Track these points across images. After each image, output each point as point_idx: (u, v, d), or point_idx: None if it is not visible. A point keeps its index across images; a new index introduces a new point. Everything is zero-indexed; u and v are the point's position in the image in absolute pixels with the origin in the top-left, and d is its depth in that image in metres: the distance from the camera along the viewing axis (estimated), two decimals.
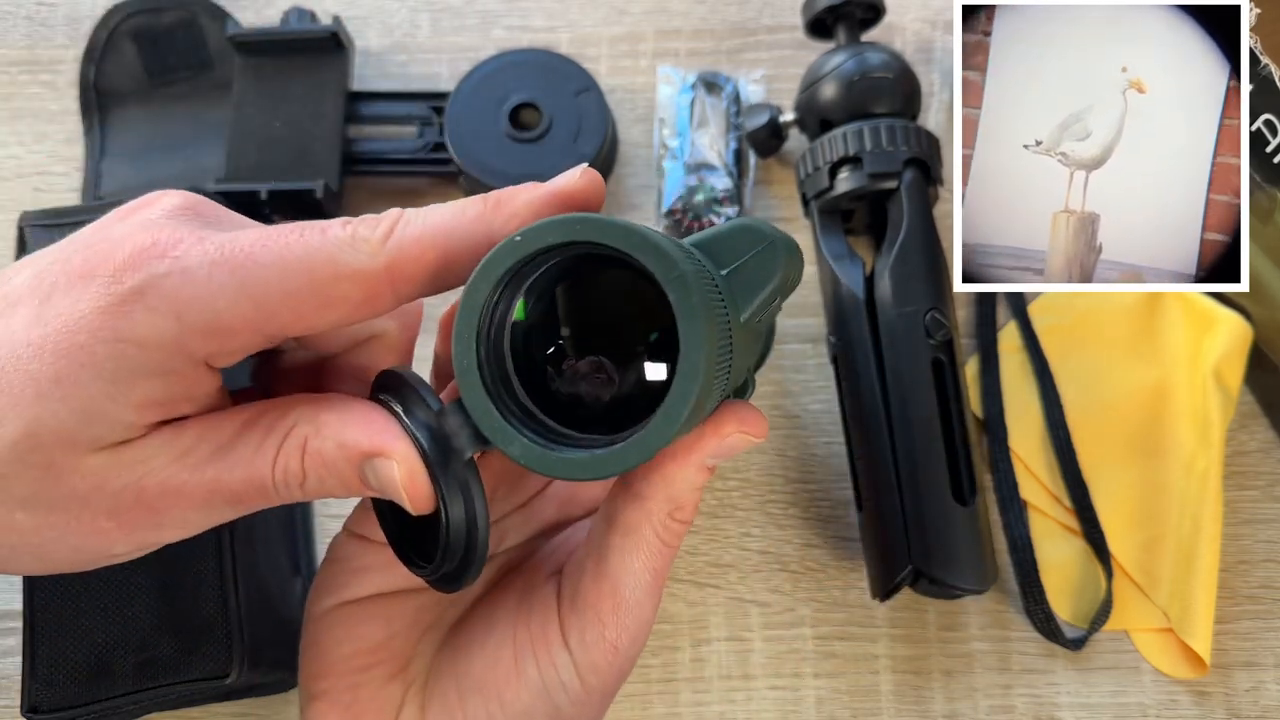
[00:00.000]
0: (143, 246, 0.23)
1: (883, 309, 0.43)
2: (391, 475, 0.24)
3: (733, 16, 0.53)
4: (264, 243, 0.24)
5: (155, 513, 0.25)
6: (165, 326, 0.23)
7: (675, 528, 0.28)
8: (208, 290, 0.23)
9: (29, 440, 0.23)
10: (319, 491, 0.25)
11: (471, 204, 0.25)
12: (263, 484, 0.25)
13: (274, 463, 0.25)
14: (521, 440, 0.23)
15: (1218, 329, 0.46)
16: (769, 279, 0.26)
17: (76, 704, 0.37)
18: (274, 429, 0.25)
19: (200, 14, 0.51)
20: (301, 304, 0.24)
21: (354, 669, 0.29)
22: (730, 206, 0.49)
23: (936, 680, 0.44)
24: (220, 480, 0.25)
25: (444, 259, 0.25)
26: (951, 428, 0.41)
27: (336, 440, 0.24)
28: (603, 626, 0.28)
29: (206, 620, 0.38)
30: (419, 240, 0.24)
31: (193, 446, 0.25)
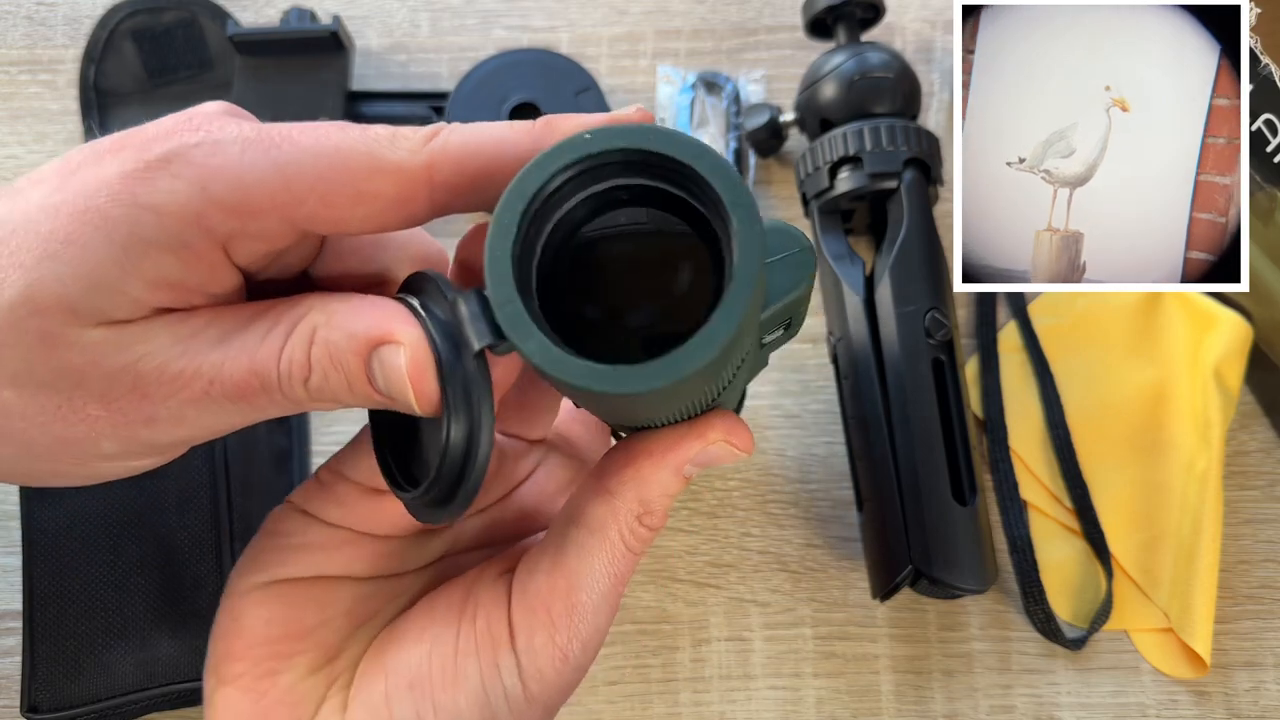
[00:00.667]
0: (178, 122, 0.23)
1: (883, 309, 0.43)
2: (398, 364, 0.22)
3: (733, 16, 0.53)
4: (302, 128, 0.23)
5: (150, 401, 0.23)
6: (188, 194, 0.22)
7: (642, 533, 0.27)
8: (238, 163, 0.22)
9: (27, 305, 0.22)
10: (324, 388, 0.23)
11: (520, 123, 0.24)
12: (266, 375, 0.23)
13: (280, 352, 0.23)
14: (540, 337, 0.20)
15: (1218, 329, 0.46)
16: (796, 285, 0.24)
17: (76, 704, 0.37)
18: (284, 317, 0.23)
19: (200, 13, 0.51)
20: (333, 192, 0.22)
21: (275, 654, 0.27)
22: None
23: (936, 680, 0.44)
24: (222, 368, 0.23)
25: (486, 170, 0.23)
26: (951, 428, 0.41)
27: (346, 329, 0.23)
28: (554, 629, 0.26)
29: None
30: (464, 145, 0.23)
31: (198, 331, 0.23)
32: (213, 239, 0.23)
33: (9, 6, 0.54)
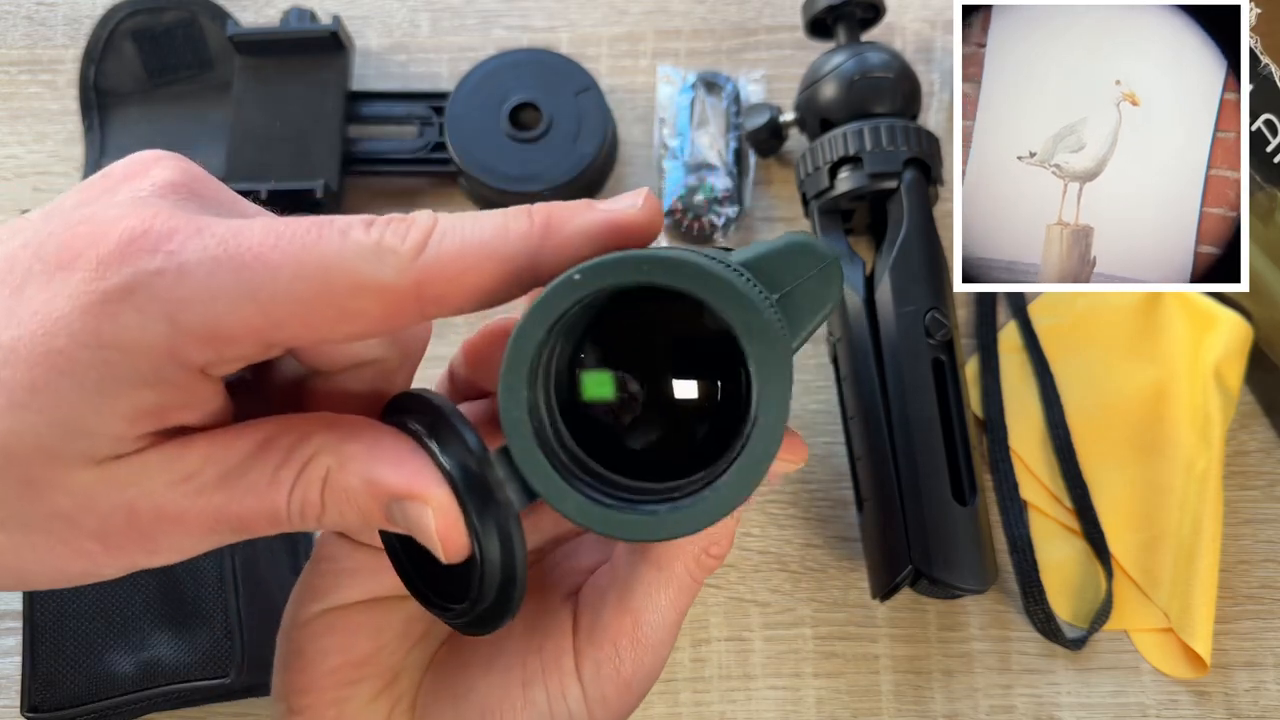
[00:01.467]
0: (132, 235, 0.20)
1: (883, 309, 0.43)
2: (424, 521, 0.22)
3: (733, 16, 0.53)
4: (274, 241, 0.20)
5: (148, 538, 0.22)
6: (156, 331, 0.20)
7: (709, 563, 0.27)
8: (207, 291, 0.20)
9: (3, 454, 0.20)
10: (336, 524, 0.23)
11: (515, 221, 0.22)
12: (276, 514, 0.22)
13: (289, 494, 0.22)
14: (577, 497, 0.21)
15: (1218, 329, 0.46)
16: (824, 303, 0.24)
17: (76, 704, 0.37)
18: (291, 456, 0.22)
19: (200, 13, 0.51)
20: (314, 315, 0.21)
21: (340, 683, 0.27)
22: (730, 206, 0.49)
23: (936, 680, 0.44)
24: (227, 509, 0.22)
25: (480, 282, 0.21)
26: (951, 428, 0.41)
27: (364, 477, 0.22)
28: (619, 661, 0.27)
29: (206, 621, 0.38)
30: (456, 260, 0.21)
31: (197, 470, 0.22)
32: (187, 368, 0.21)
33: (9, 6, 0.54)
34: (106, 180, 0.23)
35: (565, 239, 0.22)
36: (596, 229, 0.22)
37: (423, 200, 0.51)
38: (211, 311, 0.20)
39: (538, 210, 0.22)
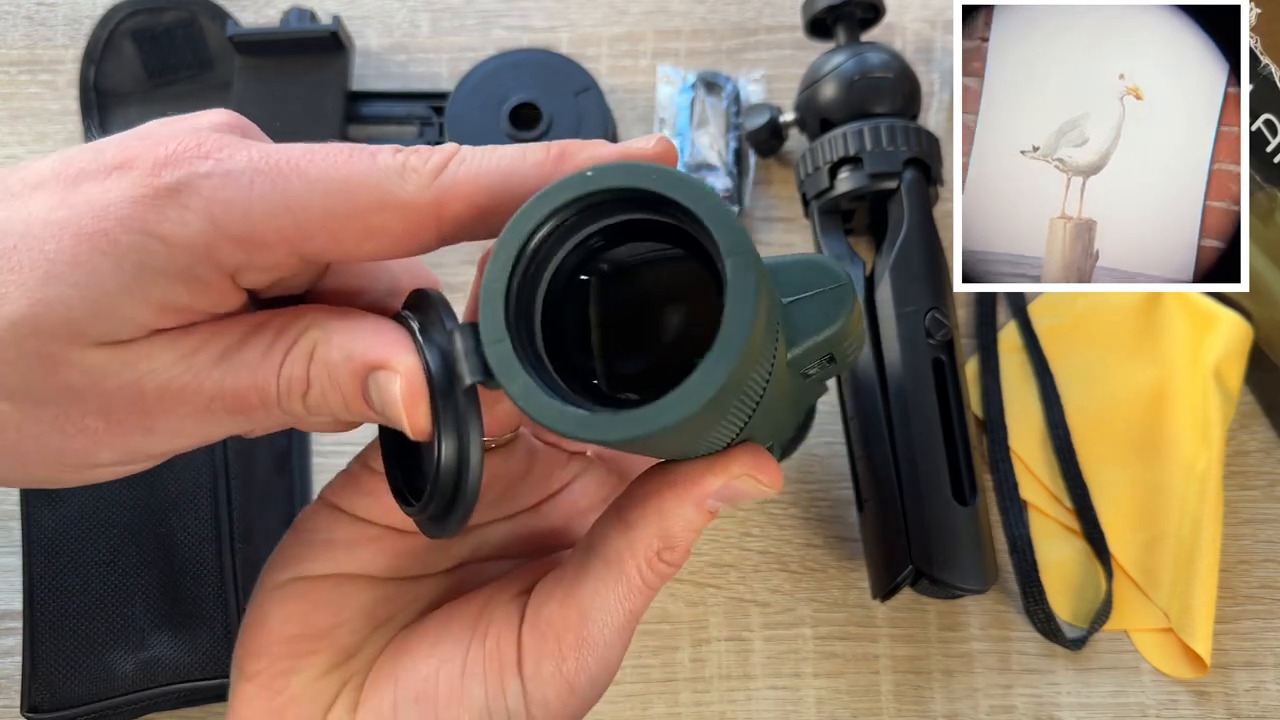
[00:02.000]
0: (187, 145, 0.22)
1: (883, 309, 0.43)
2: (393, 391, 0.23)
3: (733, 16, 0.53)
4: (310, 158, 0.22)
5: (150, 415, 0.23)
6: (198, 227, 0.22)
7: (662, 568, 0.26)
8: (248, 197, 0.22)
9: (30, 324, 0.22)
10: (321, 405, 0.24)
11: (533, 151, 0.23)
12: (266, 390, 0.23)
13: (279, 368, 0.23)
14: (525, 379, 0.21)
15: (1218, 329, 0.46)
16: (830, 322, 0.24)
17: (76, 704, 0.37)
18: (283, 333, 0.24)
19: (200, 13, 0.51)
20: (341, 228, 0.22)
21: (293, 653, 0.27)
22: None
23: (936, 680, 0.44)
24: (223, 384, 0.23)
25: (496, 203, 0.23)
26: (952, 427, 0.41)
27: (344, 349, 0.23)
28: (561, 659, 0.26)
29: (206, 621, 0.38)
30: (473, 180, 0.23)
31: (198, 347, 0.23)
32: (221, 270, 0.23)
33: (9, 6, 0.54)
34: (164, 120, 0.24)
35: (578, 165, 0.23)
36: (609, 158, 0.23)
37: None
38: (249, 215, 0.22)
39: (554, 144, 0.24)
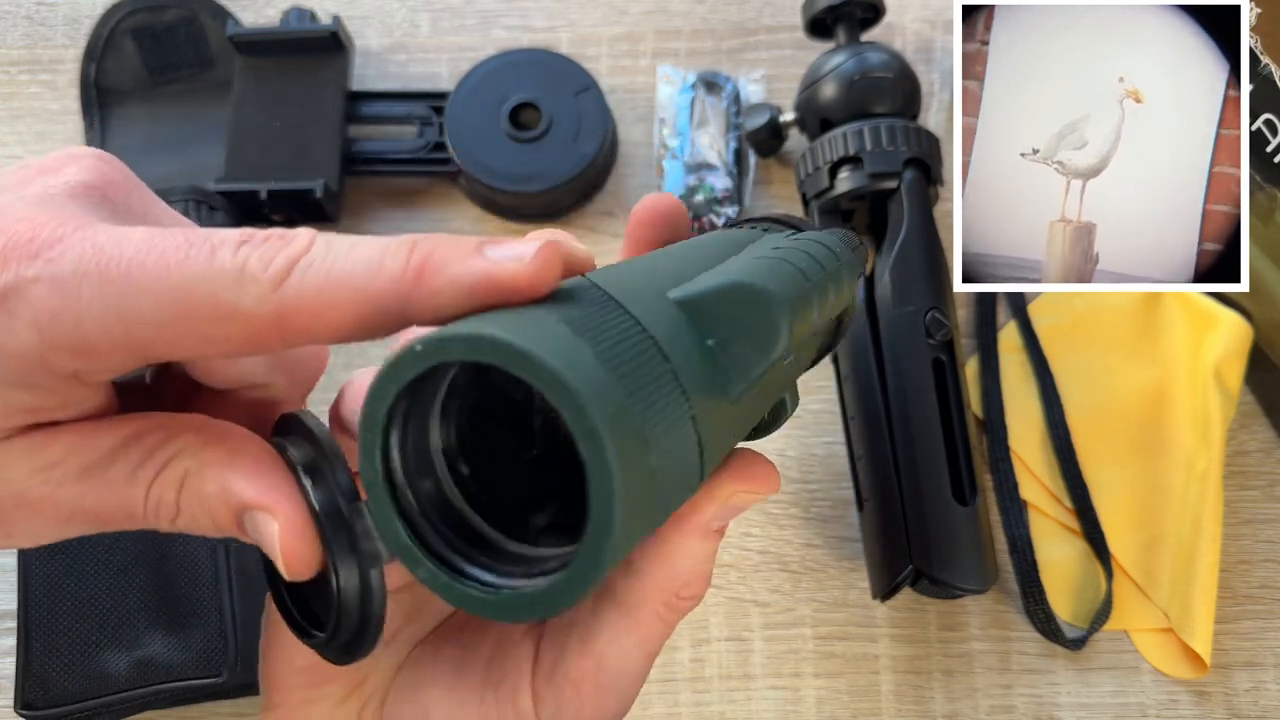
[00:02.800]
0: (19, 239, 0.20)
1: (883, 309, 0.43)
2: (270, 533, 0.22)
3: (733, 16, 0.53)
4: (144, 257, 0.20)
5: (8, 521, 0.22)
6: (25, 338, 0.20)
7: (682, 605, 0.25)
8: (75, 305, 0.20)
9: None
10: (190, 528, 0.23)
11: (392, 258, 0.21)
12: (131, 511, 0.23)
13: (146, 491, 0.22)
14: (428, 565, 0.20)
15: (1218, 329, 0.46)
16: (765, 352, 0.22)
17: (69, 701, 0.37)
18: (153, 455, 0.22)
19: (201, 12, 0.51)
20: (176, 335, 0.21)
21: (308, 683, 0.27)
22: (730, 206, 0.49)
23: (936, 680, 0.44)
24: (83, 502, 0.22)
25: (343, 320, 0.21)
26: (952, 427, 0.41)
27: (219, 483, 0.22)
28: (580, 704, 0.25)
29: (200, 620, 0.37)
30: (318, 293, 0.20)
31: (59, 460, 0.22)
32: (57, 375, 0.21)
33: (9, 6, 0.54)
34: (23, 172, 0.23)
35: (438, 288, 0.21)
36: (472, 282, 0.20)
37: (423, 200, 0.50)
38: (78, 325, 0.20)
39: (419, 249, 0.21)
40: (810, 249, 0.26)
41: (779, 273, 0.24)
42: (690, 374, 0.21)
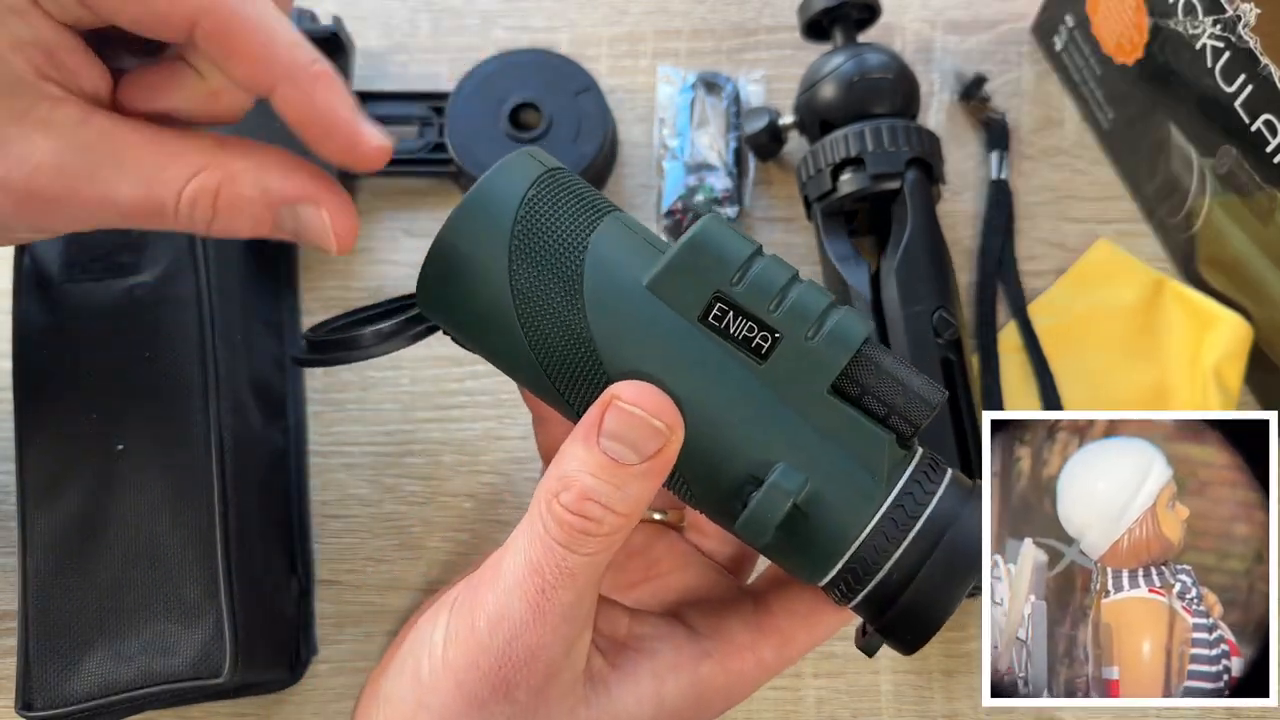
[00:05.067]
0: None
1: (890, 309, 0.43)
2: (318, 218, 0.26)
3: (733, 16, 0.53)
4: None
5: (46, 202, 0.26)
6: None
7: (560, 513, 0.25)
8: None
9: None
10: (225, 230, 0.27)
11: (305, 49, 0.27)
12: (162, 205, 0.26)
13: (180, 189, 0.26)
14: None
15: (1218, 329, 0.46)
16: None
17: (70, 702, 0.37)
18: (186, 153, 0.26)
19: None
20: None
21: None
22: (730, 206, 0.49)
23: (936, 680, 0.44)
24: (117, 189, 0.25)
25: (248, 50, 0.26)
26: (962, 426, 0.41)
27: (258, 187, 0.26)
28: (473, 599, 0.26)
29: (199, 620, 0.37)
30: (236, 16, 0.25)
31: (93, 143, 0.25)
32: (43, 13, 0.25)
33: None
34: None
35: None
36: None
37: (423, 200, 0.50)
38: None
39: (320, 63, 0.27)
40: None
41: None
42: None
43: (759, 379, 0.26)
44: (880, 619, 0.27)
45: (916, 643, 0.28)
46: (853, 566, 0.27)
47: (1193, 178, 0.45)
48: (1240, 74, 0.40)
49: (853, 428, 0.26)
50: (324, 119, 0.26)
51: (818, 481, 0.26)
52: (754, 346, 0.26)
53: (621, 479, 0.25)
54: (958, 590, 0.26)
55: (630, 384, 0.26)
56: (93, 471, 0.38)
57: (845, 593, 0.27)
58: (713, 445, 0.26)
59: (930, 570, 0.26)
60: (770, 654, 0.31)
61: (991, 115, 0.51)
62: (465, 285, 0.27)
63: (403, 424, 0.47)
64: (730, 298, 0.26)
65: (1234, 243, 0.44)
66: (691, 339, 0.26)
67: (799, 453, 0.26)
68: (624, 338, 0.27)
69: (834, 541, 0.26)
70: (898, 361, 0.27)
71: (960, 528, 0.26)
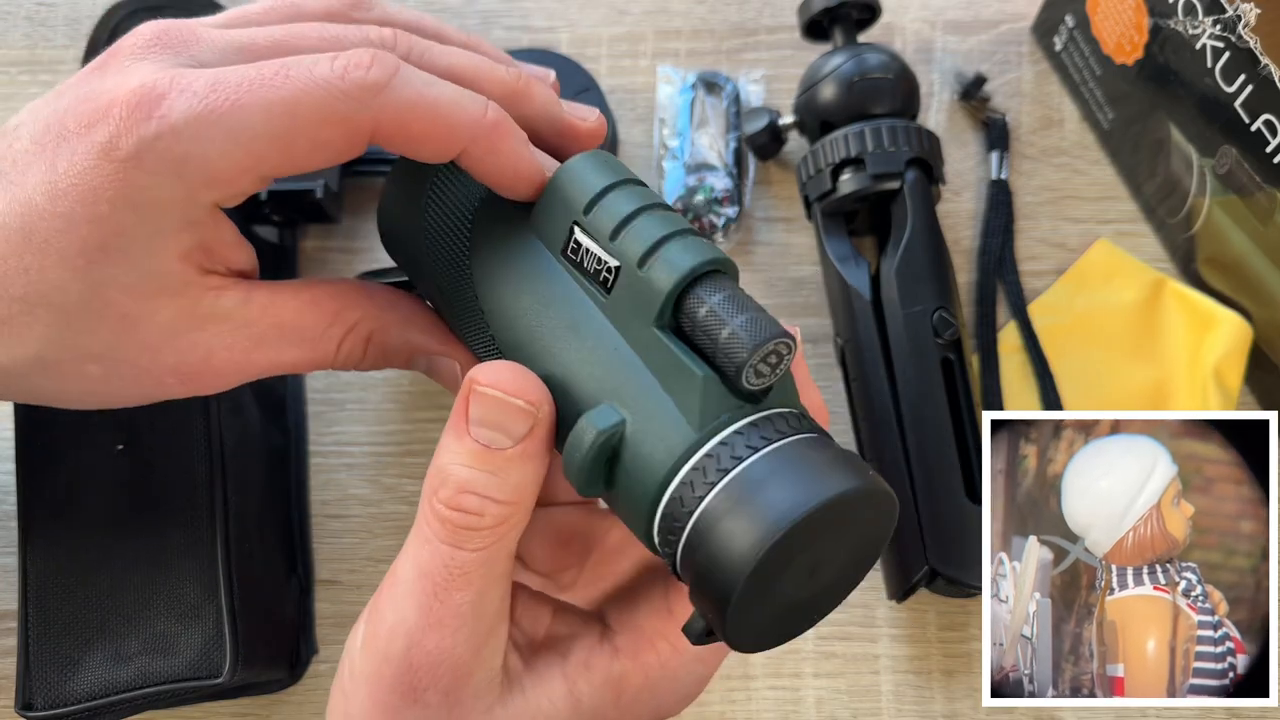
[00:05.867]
0: (129, 106, 0.24)
1: (890, 310, 0.43)
2: (451, 369, 0.30)
3: (733, 16, 0.53)
4: (249, 86, 0.24)
5: (218, 376, 0.28)
6: (169, 185, 0.25)
7: (439, 510, 0.24)
8: (198, 144, 0.24)
9: (99, 298, 0.25)
10: (369, 369, 0.30)
11: (470, 103, 0.26)
12: (323, 360, 0.29)
13: (338, 347, 0.28)
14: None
15: (1218, 329, 0.46)
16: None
17: (70, 702, 0.37)
18: (340, 316, 0.28)
19: (200, 12, 0.51)
20: (290, 146, 0.25)
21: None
22: (730, 206, 0.49)
23: (936, 680, 0.44)
24: (280, 359, 0.28)
25: (427, 133, 0.26)
26: (963, 426, 0.41)
27: (403, 339, 0.29)
28: (375, 604, 0.26)
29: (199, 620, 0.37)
30: (411, 109, 0.25)
31: (257, 318, 0.27)
32: (205, 207, 0.26)
33: (9, 6, 0.54)
34: (97, 63, 0.27)
35: (533, 100, 0.29)
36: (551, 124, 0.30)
37: None
38: (206, 159, 0.24)
39: (492, 107, 0.26)
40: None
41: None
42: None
43: (604, 313, 0.25)
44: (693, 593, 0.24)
45: (721, 627, 0.23)
46: (666, 521, 0.24)
47: (1193, 178, 0.45)
48: (1240, 74, 0.40)
49: (672, 365, 0.24)
50: (503, 166, 0.27)
51: (637, 422, 0.24)
52: (601, 279, 0.25)
53: (497, 465, 0.24)
54: (739, 566, 0.22)
55: (488, 366, 0.25)
56: (93, 472, 0.38)
57: (669, 556, 0.24)
58: (556, 384, 0.25)
59: (722, 535, 0.22)
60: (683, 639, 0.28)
61: (991, 115, 0.51)
62: (400, 239, 0.30)
63: (403, 424, 0.47)
64: (584, 227, 0.26)
65: (1234, 243, 0.44)
66: (551, 273, 0.26)
67: (626, 392, 0.24)
68: (494, 274, 0.27)
69: (646, 487, 0.24)
70: (736, 298, 0.24)
71: (769, 496, 0.22)
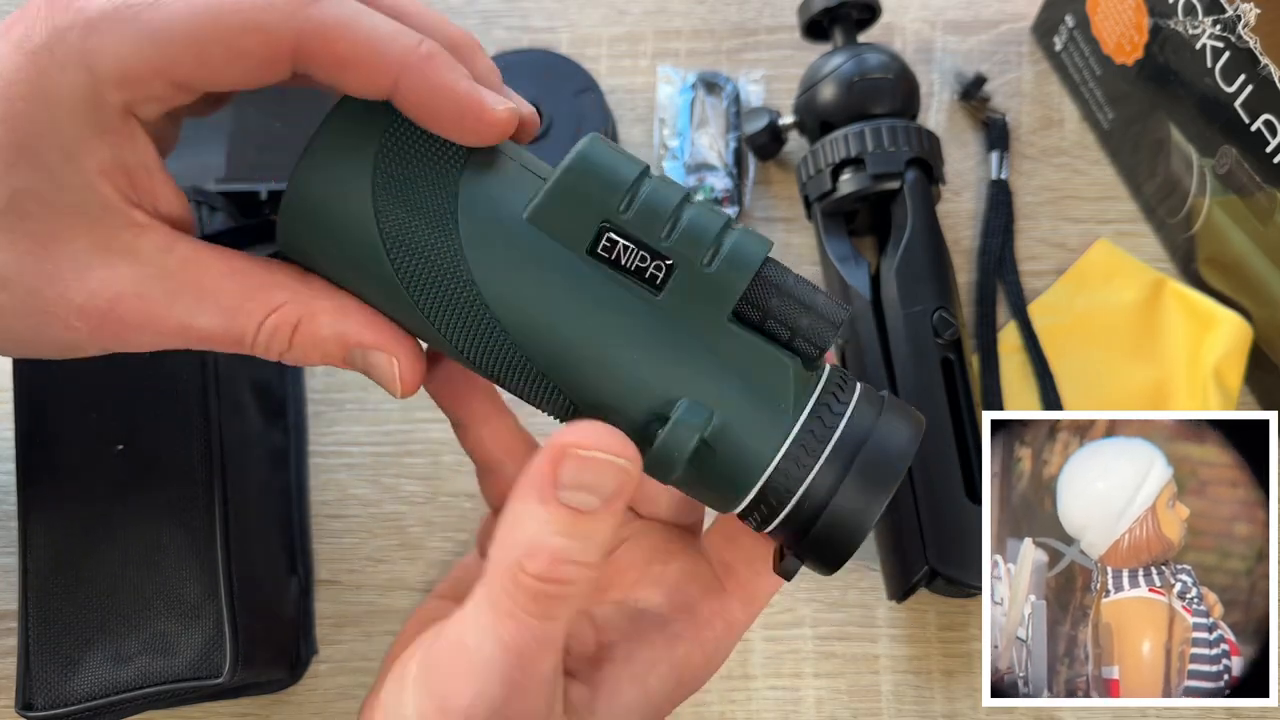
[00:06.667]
0: (50, 1, 0.24)
1: (890, 310, 0.43)
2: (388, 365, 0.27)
3: (733, 16, 0.53)
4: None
5: (125, 329, 0.25)
6: (77, 79, 0.23)
7: (528, 585, 0.23)
8: (112, 39, 0.23)
9: (14, 209, 0.24)
10: (298, 361, 0.27)
11: (404, 37, 0.25)
12: (241, 337, 0.26)
13: (260, 323, 0.26)
14: None
15: (1218, 329, 0.46)
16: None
17: (70, 702, 0.37)
18: (263, 293, 0.26)
19: None
20: (205, 51, 0.24)
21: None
22: (730, 206, 0.49)
23: (936, 680, 0.44)
24: (197, 319, 0.25)
25: (348, 56, 0.24)
26: (962, 426, 0.41)
27: (334, 329, 0.26)
28: (440, 681, 0.25)
29: (199, 620, 0.37)
30: (340, 27, 0.24)
31: (175, 271, 0.25)
32: (117, 111, 0.24)
33: (9, 6, 0.54)
34: None
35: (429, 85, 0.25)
36: (454, 101, 0.25)
37: None
38: (118, 54, 0.24)
39: (426, 43, 0.25)
40: None
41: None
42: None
43: (655, 312, 0.25)
44: (800, 541, 0.27)
45: (836, 561, 0.27)
46: (765, 495, 0.26)
47: (1193, 178, 0.45)
48: (1240, 74, 0.40)
49: (756, 355, 0.25)
50: (441, 100, 0.25)
51: (724, 414, 0.25)
52: (648, 277, 0.25)
53: (589, 528, 0.23)
54: (876, 504, 0.26)
55: (582, 426, 0.23)
56: (93, 472, 0.38)
57: (762, 521, 0.27)
58: (614, 387, 0.25)
59: (847, 488, 0.25)
60: (739, 611, 0.31)
61: (991, 115, 0.51)
62: (329, 234, 0.26)
63: (403, 424, 0.47)
64: (619, 226, 0.25)
65: (1234, 243, 0.44)
66: (581, 274, 0.25)
67: (702, 386, 0.25)
68: (509, 278, 0.25)
69: (744, 473, 0.25)
70: (800, 280, 0.26)
71: (875, 443, 0.26)
